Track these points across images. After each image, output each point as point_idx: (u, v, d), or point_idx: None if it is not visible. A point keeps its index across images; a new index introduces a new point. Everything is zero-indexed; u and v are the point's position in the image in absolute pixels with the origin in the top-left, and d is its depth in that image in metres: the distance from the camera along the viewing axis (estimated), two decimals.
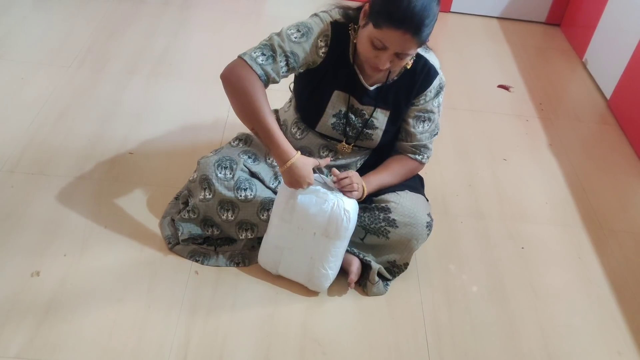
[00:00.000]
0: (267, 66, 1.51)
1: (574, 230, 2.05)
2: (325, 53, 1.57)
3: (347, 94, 1.62)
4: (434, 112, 1.67)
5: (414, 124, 1.68)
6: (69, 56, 2.54)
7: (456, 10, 3.43)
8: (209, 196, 1.69)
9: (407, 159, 1.73)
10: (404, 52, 1.43)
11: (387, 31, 1.39)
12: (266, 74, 1.51)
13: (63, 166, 1.97)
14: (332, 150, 1.73)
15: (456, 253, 1.90)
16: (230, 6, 3.16)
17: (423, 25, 1.38)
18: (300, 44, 1.53)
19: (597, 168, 2.37)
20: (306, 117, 1.70)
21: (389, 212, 1.66)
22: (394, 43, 1.41)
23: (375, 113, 1.64)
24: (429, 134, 1.71)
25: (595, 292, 1.83)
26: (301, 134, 1.74)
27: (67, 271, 1.63)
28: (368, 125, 1.66)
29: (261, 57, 1.51)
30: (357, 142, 1.69)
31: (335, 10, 1.59)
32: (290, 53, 1.53)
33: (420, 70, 1.60)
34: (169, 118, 2.27)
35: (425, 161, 1.75)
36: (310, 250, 1.62)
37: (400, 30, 1.38)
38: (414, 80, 1.60)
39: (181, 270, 1.69)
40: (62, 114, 2.20)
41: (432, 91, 1.64)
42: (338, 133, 1.68)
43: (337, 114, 1.65)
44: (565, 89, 2.90)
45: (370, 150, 1.74)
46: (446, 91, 1.51)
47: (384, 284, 1.74)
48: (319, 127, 1.67)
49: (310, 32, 1.55)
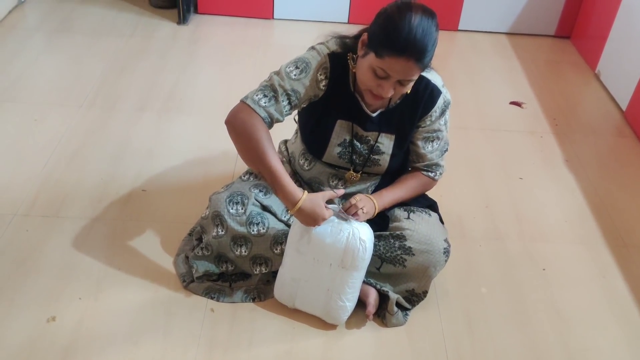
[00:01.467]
0: (269, 107, 1.51)
1: (596, 248, 2.00)
2: (326, 85, 1.57)
3: (350, 122, 1.62)
4: (442, 131, 1.66)
5: (423, 145, 1.66)
6: (80, 95, 2.57)
7: (464, 29, 3.42)
8: (222, 232, 1.68)
9: (420, 174, 1.72)
10: (407, 78, 1.43)
11: (390, 60, 1.39)
12: (270, 115, 1.52)
13: (77, 207, 1.98)
14: (341, 179, 1.71)
15: (476, 278, 1.86)
16: (238, 37, 3.19)
17: (425, 51, 1.38)
18: (300, 81, 1.54)
19: (616, 182, 2.32)
20: (312, 148, 1.70)
21: (404, 239, 1.64)
22: (397, 71, 1.40)
23: (380, 138, 1.63)
24: (439, 151, 1.69)
25: (622, 313, 1.78)
26: (309, 165, 1.73)
27: (82, 315, 1.63)
28: (374, 151, 1.65)
29: (263, 99, 1.52)
30: (365, 168, 1.68)
31: (332, 40, 1.59)
32: (292, 91, 1.53)
33: (423, 91, 1.58)
34: (180, 153, 2.27)
35: (438, 178, 1.73)
36: (327, 282, 1.60)
37: (403, 58, 1.37)
38: (416, 102, 1.59)
39: (197, 309, 1.68)
40: (75, 154, 2.22)
41: (437, 111, 1.62)
42: (345, 162, 1.67)
43: (342, 142, 1.64)
44: (579, 102, 2.86)
45: (380, 176, 1.73)
46: (457, 111, 1.51)
47: (404, 314, 1.70)
48: (326, 157, 1.67)
49: (309, 67, 1.55)
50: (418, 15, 1.38)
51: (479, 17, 3.38)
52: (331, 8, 3.33)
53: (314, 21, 3.36)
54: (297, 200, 1.49)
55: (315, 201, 1.51)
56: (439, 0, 3.27)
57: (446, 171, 1.74)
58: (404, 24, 1.36)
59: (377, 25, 1.43)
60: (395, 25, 1.37)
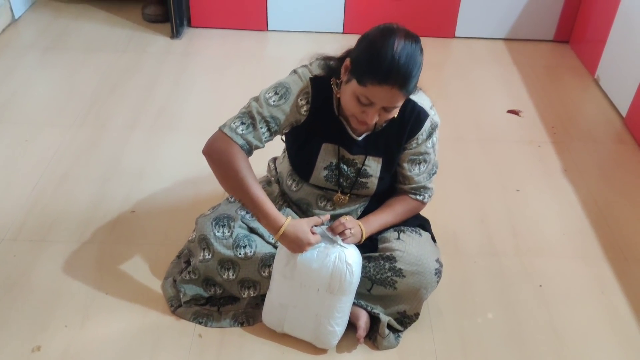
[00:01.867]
0: (247, 135, 1.49)
1: (596, 263, 1.95)
2: (308, 110, 1.53)
3: (336, 146, 1.58)
4: (429, 153, 1.62)
5: (410, 168, 1.62)
6: (72, 114, 2.56)
7: (460, 35, 3.38)
8: (209, 256, 1.65)
9: (408, 198, 1.68)
10: (391, 105, 1.39)
11: (373, 88, 1.35)
12: (248, 143, 1.49)
13: (65, 231, 1.96)
14: (329, 200, 1.68)
15: (470, 296, 1.81)
16: (231, 49, 3.16)
17: (410, 78, 1.34)
18: (279, 107, 1.51)
19: (616, 192, 2.27)
20: (299, 170, 1.67)
21: (394, 261, 1.60)
22: (380, 99, 1.37)
23: (367, 161, 1.60)
24: (427, 174, 1.65)
25: (623, 330, 1.73)
26: (296, 186, 1.70)
27: (68, 344, 1.60)
28: (362, 174, 1.61)
29: (241, 127, 1.49)
30: (353, 191, 1.65)
31: (315, 63, 1.56)
32: (270, 117, 1.50)
33: (409, 114, 1.54)
34: (170, 172, 2.25)
35: (427, 200, 1.69)
36: (315, 307, 1.57)
37: (387, 86, 1.34)
38: (403, 125, 1.55)
39: (184, 334, 1.65)
40: (64, 176, 2.20)
41: (424, 134, 1.58)
42: (332, 184, 1.63)
43: (329, 166, 1.61)
44: (578, 109, 2.81)
45: (369, 197, 1.69)
46: (453, 121, 1.46)
47: (395, 336, 1.66)
48: (313, 179, 1.64)
49: (289, 93, 1.52)
50: (401, 40, 1.33)
51: (476, 23, 3.34)
52: (326, 19, 3.30)
53: (309, 32, 3.33)
54: (279, 226, 1.47)
55: (298, 227, 1.48)
56: (435, 8, 3.26)
57: (441, 185, 1.70)
58: (386, 51, 1.32)
59: (360, 52, 1.39)
60: (377, 53, 1.33)
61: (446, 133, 2.54)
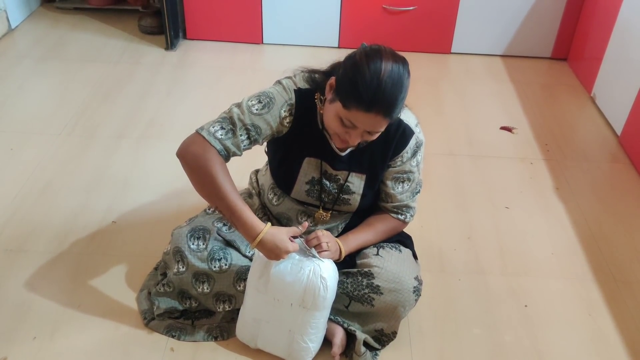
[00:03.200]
0: (226, 141, 1.44)
1: (584, 284, 1.90)
2: (291, 122, 1.50)
3: (319, 160, 1.55)
4: (413, 172, 1.58)
5: (393, 186, 1.59)
6: (61, 123, 2.54)
7: (457, 51, 3.35)
8: (183, 269, 1.61)
9: (389, 217, 1.64)
10: (374, 130, 1.36)
11: (357, 113, 1.32)
12: (226, 148, 1.44)
13: (43, 241, 1.93)
14: (310, 216, 1.64)
15: (453, 315, 1.76)
16: (225, 62, 3.15)
17: (395, 106, 1.31)
18: (261, 116, 1.46)
19: (608, 212, 2.21)
20: (280, 183, 1.63)
21: (372, 277, 1.56)
22: (364, 124, 1.34)
23: (350, 178, 1.56)
24: (410, 193, 1.61)
25: (609, 355, 1.67)
26: (278, 200, 1.66)
27: (34, 356, 1.56)
28: (344, 191, 1.57)
29: (220, 132, 1.44)
30: (335, 207, 1.61)
31: (300, 75, 1.53)
32: (251, 126, 1.46)
33: (395, 131, 1.51)
34: (155, 183, 2.22)
35: (409, 220, 1.65)
36: (289, 322, 1.52)
37: (372, 113, 1.31)
38: (388, 142, 1.52)
39: (156, 348, 1.61)
40: (47, 185, 2.18)
41: (409, 152, 1.55)
42: (313, 199, 1.60)
43: (310, 180, 1.57)
44: (573, 127, 2.77)
45: (351, 214, 1.65)
46: (446, 136, 1.43)
47: (373, 354, 1.61)
48: (294, 193, 1.60)
49: (272, 103, 1.48)
50: (388, 64, 1.30)
51: (473, 39, 3.31)
52: (321, 33, 3.28)
53: (304, 46, 3.31)
54: (257, 233, 1.41)
55: (277, 235, 1.44)
56: (431, 23, 3.24)
57: (429, 200, 1.66)
58: (372, 77, 1.28)
59: (345, 74, 1.35)
60: (362, 78, 1.29)
61: (438, 148, 2.51)
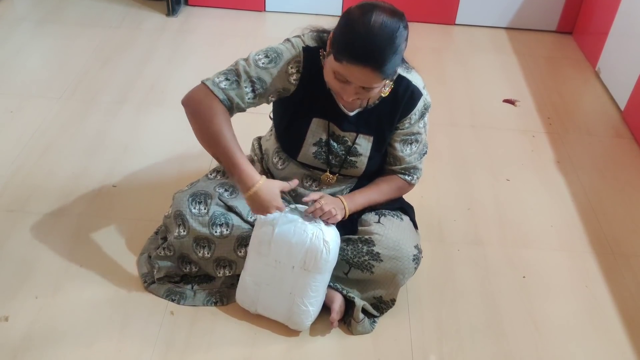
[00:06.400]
0: (230, 91, 1.44)
1: (582, 256, 1.91)
2: (298, 80, 1.49)
3: (327, 121, 1.54)
4: (421, 133, 1.58)
5: (401, 148, 1.59)
6: (61, 87, 2.52)
7: (461, 23, 3.31)
8: (184, 233, 1.62)
9: (397, 178, 1.64)
10: (367, 86, 1.34)
11: (348, 66, 1.31)
12: (229, 98, 1.45)
13: (44, 202, 1.93)
14: (316, 180, 1.64)
15: (451, 284, 1.78)
16: (227, 29, 3.11)
17: (385, 60, 1.29)
18: (267, 70, 1.46)
19: (608, 186, 2.22)
20: (287, 147, 1.62)
21: (372, 244, 1.56)
22: (356, 78, 1.32)
23: (358, 139, 1.55)
24: (418, 154, 1.62)
25: (604, 325, 1.69)
26: (283, 164, 1.66)
27: (37, 314, 1.58)
28: (351, 153, 1.57)
29: (224, 82, 1.45)
30: (342, 170, 1.61)
31: (309, 34, 1.51)
32: (257, 78, 1.46)
33: (403, 93, 1.50)
34: (155, 148, 2.21)
35: (415, 182, 1.66)
36: (289, 285, 1.54)
37: (361, 66, 1.29)
38: (396, 103, 1.51)
39: (156, 311, 1.62)
40: (48, 148, 2.17)
41: (417, 113, 1.54)
42: (320, 162, 1.59)
43: (318, 142, 1.56)
44: (576, 101, 2.75)
45: (356, 178, 1.65)
46: (448, 107, 1.42)
47: (371, 321, 1.63)
48: (301, 156, 1.59)
49: (280, 58, 1.47)
50: (380, 16, 1.28)
51: (478, 10, 3.27)
52: (324, 0, 3.24)
53: (307, 14, 3.27)
54: (253, 183, 1.42)
55: (272, 188, 1.44)
56: None
57: (430, 170, 1.66)
58: (362, 28, 1.27)
59: (339, 26, 1.35)
60: (353, 30, 1.29)
61: (440, 118, 2.50)
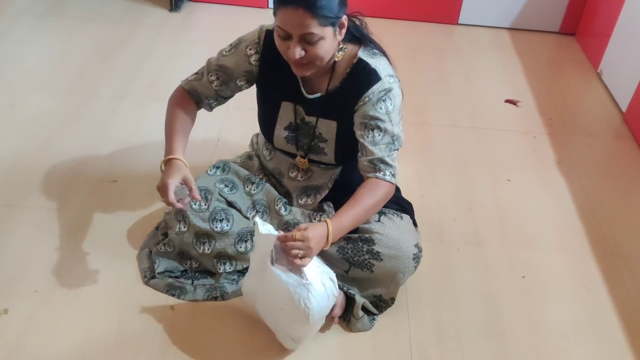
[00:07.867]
0: (194, 82, 1.61)
1: (582, 258, 1.91)
2: (258, 60, 1.55)
3: (294, 104, 1.57)
4: (383, 120, 1.47)
5: (363, 134, 1.49)
6: (62, 81, 2.52)
7: (464, 22, 3.31)
8: (184, 229, 1.62)
9: (369, 180, 1.50)
10: (305, 32, 1.33)
11: (281, 13, 1.34)
12: (194, 88, 1.61)
13: (43, 196, 1.93)
14: (301, 171, 1.67)
15: (451, 284, 1.77)
16: (229, 25, 3.10)
17: None
18: (228, 56, 1.58)
19: (609, 188, 2.22)
20: (264, 132, 1.68)
21: (372, 244, 1.56)
22: (291, 25, 1.33)
23: (319, 123, 1.57)
24: (385, 146, 1.49)
25: (603, 326, 1.69)
26: (269, 155, 1.71)
27: (36, 308, 1.57)
28: (317, 137, 1.59)
29: (193, 76, 1.63)
30: (311, 155, 1.62)
31: None
32: (219, 66, 1.58)
33: (360, 73, 1.49)
34: (156, 144, 2.20)
35: (389, 179, 1.49)
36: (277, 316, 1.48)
37: (290, 7, 1.31)
38: (354, 85, 1.50)
39: (156, 306, 1.62)
40: (48, 142, 2.17)
41: (373, 96, 1.47)
42: (292, 146, 1.63)
43: (288, 126, 1.61)
44: (578, 102, 2.75)
45: (339, 169, 1.66)
46: (449, 107, 1.41)
47: (370, 318, 1.63)
48: (275, 141, 1.64)
49: (240, 42, 1.58)
50: None
51: (480, 10, 3.26)
52: None
53: None
54: (167, 156, 1.50)
55: (173, 174, 1.44)
56: None
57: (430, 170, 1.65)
58: None
59: None
60: None
61: (441, 119, 2.50)
